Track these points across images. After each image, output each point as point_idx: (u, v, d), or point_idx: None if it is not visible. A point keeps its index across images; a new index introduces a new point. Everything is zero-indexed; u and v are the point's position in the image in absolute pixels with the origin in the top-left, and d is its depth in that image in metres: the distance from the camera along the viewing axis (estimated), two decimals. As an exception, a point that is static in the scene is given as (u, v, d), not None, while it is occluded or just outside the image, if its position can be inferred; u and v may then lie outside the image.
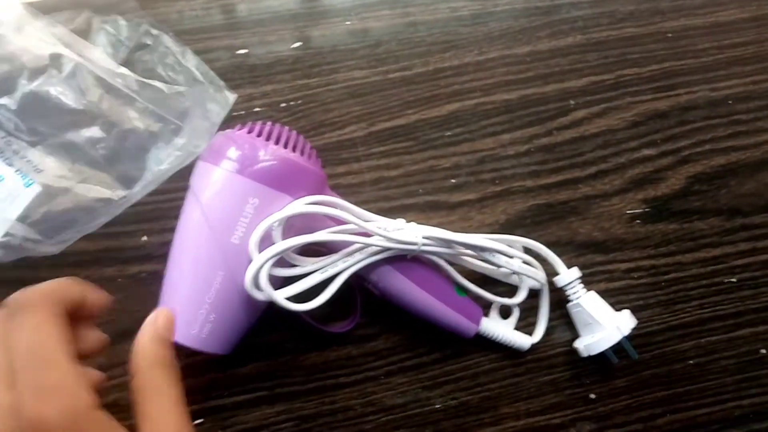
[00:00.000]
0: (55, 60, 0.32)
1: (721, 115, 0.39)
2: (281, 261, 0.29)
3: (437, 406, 0.36)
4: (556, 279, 0.36)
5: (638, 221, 0.38)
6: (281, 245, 0.27)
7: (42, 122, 0.32)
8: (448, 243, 0.32)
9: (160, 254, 0.35)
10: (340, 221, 0.30)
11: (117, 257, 0.35)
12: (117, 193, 0.33)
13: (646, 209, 0.38)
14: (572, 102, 0.38)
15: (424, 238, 0.31)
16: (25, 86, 0.31)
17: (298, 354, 0.35)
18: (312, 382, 0.35)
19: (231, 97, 0.34)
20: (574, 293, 0.36)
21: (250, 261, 0.27)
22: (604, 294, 0.37)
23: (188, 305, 0.28)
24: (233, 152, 0.28)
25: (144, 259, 0.35)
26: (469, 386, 0.35)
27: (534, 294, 0.36)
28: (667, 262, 0.38)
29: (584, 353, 0.35)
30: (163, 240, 0.35)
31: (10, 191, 0.31)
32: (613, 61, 0.39)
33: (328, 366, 0.36)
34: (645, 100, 0.38)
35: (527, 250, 0.36)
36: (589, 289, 0.37)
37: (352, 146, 0.37)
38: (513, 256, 0.34)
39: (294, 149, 0.29)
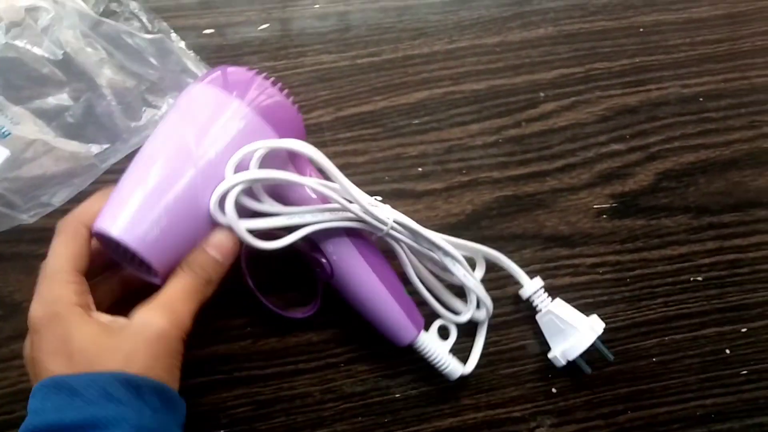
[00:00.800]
0: (32, 12, 0.35)
1: (691, 112, 0.42)
2: (251, 194, 0.31)
3: (397, 395, 0.39)
4: (521, 291, 0.39)
5: (605, 216, 0.41)
6: (259, 173, 0.30)
7: (18, 76, 0.35)
8: (415, 235, 0.35)
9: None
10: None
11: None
12: (89, 158, 0.36)
13: (614, 204, 0.41)
14: (542, 94, 0.41)
15: (395, 222, 0.34)
16: (0, 39, 0.34)
17: (258, 339, 0.38)
18: (271, 368, 0.38)
19: (201, 66, 0.37)
20: (542, 302, 0.39)
21: (220, 180, 0.30)
22: (568, 288, 0.40)
23: (142, 205, 0.29)
24: (232, 78, 0.31)
25: (102, 238, 0.38)
26: (430, 376, 0.38)
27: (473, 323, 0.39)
28: (633, 258, 0.41)
29: (561, 361, 0.38)
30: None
31: None
32: (584, 54, 0.42)
33: (288, 352, 0.38)
34: (615, 94, 0.42)
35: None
36: (554, 282, 0.40)
37: (319, 131, 0.40)
38: (472, 271, 0.37)
39: (288, 97, 0.32)
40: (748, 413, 0.41)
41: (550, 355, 0.38)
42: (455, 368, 0.37)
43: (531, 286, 0.39)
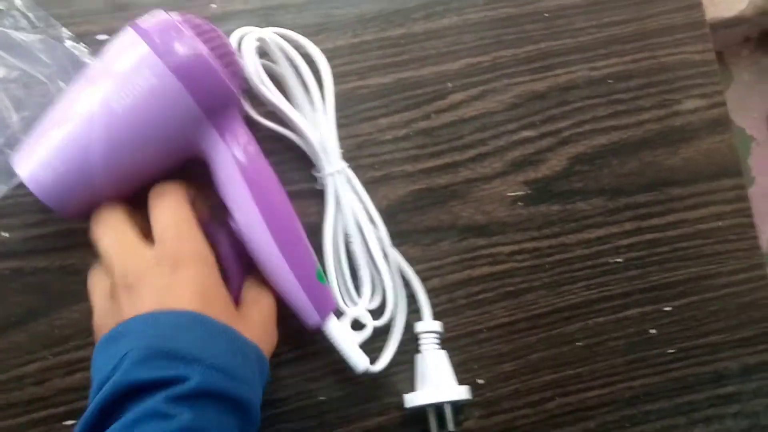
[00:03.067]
0: None
1: (601, 94, 0.53)
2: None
3: (321, 398, 0.48)
4: (416, 323, 0.49)
5: (520, 203, 0.52)
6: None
7: None
8: (359, 196, 0.47)
9: (22, 250, 0.46)
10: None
11: (-24, 255, 0.46)
12: None
13: (528, 191, 0.52)
14: (449, 85, 0.51)
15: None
16: None
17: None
18: (187, 378, 0.47)
19: (83, 50, 0.46)
20: (426, 346, 0.48)
21: (120, 132, 0.39)
22: (488, 278, 0.51)
23: (45, 149, 0.40)
24: (156, 30, 0.40)
25: (6, 255, 0.46)
26: (353, 376, 0.47)
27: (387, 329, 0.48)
28: (551, 243, 0.52)
29: (407, 403, 0.48)
30: (26, 235, 0.46)
31: None
32: (489, 42, 0.52)
33: (204, 361, 0.47)
34: (523, 81, 0.52)
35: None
36: (473, 273, 0.50)
37: (224, 134, 0.49)
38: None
39: (220, 57, 0.41)
40: (677, 392, 0.51)
41: (405, 395, 0.48)
42: (359, 362, 0.46)
43: (429, 325, 0.48)
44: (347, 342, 0.46)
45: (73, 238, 0.47)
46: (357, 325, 0.48)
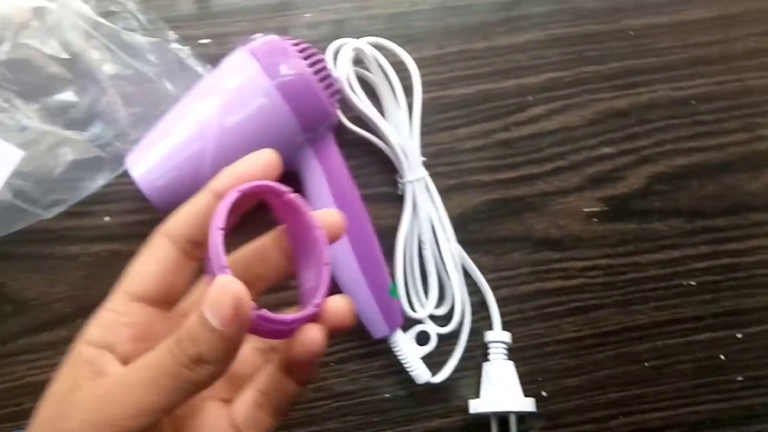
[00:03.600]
0: (39, 12, 0.46)
1: (683, 115, 0.53)
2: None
3: (387, 395, 0.50)
4: (486, 333, 0.50)
5: (595, 219, 0.52)
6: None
7: (28, 75, 0.47)
8: (435, 204, 0.49)
9: (121, 234, 0.50)
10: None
11: (80, 236, 0.49)
12: (97, 150, 0.48)
13: (604, 208, 0.52)
14: (531, 98, 0.52)
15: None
16: (10, 38, 0.46)
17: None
18: (261, 367, 0.50)
19: (197, 62, 0.49)
20: (496, 355, 0.49)
21: (229, 149, 0.42)
22: (559, 292, 0.51)
23: (160, 156, 0.43)
24: (267, 51, 0.43)
25: (106, 238, 0.49)
26: (417, 377, 0.49)
27: (454, 336, 0.50)
28: (625, 262, 0.52)
29: (472, 409, 0.49)
30: (124, 221, 0.50)
31: (7, 134, 0.46)
32: (572, 58, 0.53)
33: (278, 351, 0.50)
34: (605, 98, 0.53)
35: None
36: (544, 286, 0.51)
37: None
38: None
39: (321, 79, 0.44)
40: (744, 420, 0.51)
41: (471, 401, 0.49)
42: (421, 373, 0.48)
43: (498, 335, 0.50)
44: (411, 355, 0.48)
45: (164, 227, 0.49)
46: (422, 337, 0.49)
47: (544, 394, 0.51)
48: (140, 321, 0.28)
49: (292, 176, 0.46)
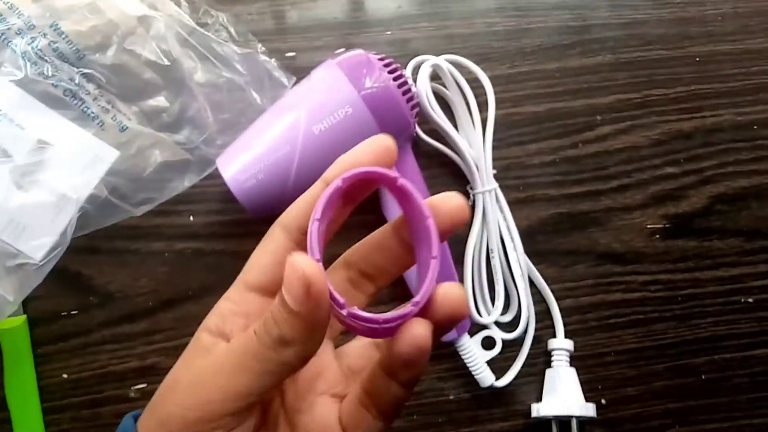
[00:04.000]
0: (144, 20, 0.50)
1: (745, 138, 0.55)
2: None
3: (451, 397, 0.52)
4: (550, 340, 0.52)
5: (658, 236, 0.54)
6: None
7: (128, 79, 0.50)
8: (505, 218, 0.51)
9: (203, 234, 0.53)
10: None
11: (165, 233, 0.52)
12: (186, 153, 0.50)
13: (667, 225, 0.54)
14: (599, 117, 0.55)
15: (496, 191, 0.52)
16: (116, 44, 0.49)
17: (323, 336, 0.52)
18: (334, 364, 0.52)
19: (283, 74, 0.52)
20: (559, 362, 0.52)
21: (316, 156, 0.45)
22: (620, 304, 0.53)
23: (250, 158, 0.46)
24: (354, 64, 0.46)
25: (189, 237, 0.52)
26: (482, 380, 0.52)
27: (517, 342, 0.52)
28: (685, 277, 0.54)
29: (535, 412, 0.51)
30: (207, 221, 0.53)
31: (109, 133, 0.49)
32: (640, 81, 0.55)
33: (350, 350, 0.52)
34: (670, 120, 0.55)
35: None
36: (606, 298, 0.53)
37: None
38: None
39: (404, 94, 0.47)
40: (798, 435, 0.53)
41: (533, 405, 0.51)
42: (486, 377, 0.50)
43: (561, 343, 0.52)
44: (477, 359, 0.51)
45: (248, 227, 0.52)
46: (487, 342, 0.52)
47: (603, 401, 0.53)
48: (255, 310, 0.29)
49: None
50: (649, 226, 0.54)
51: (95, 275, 0.52)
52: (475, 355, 0.51)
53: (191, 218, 0.53)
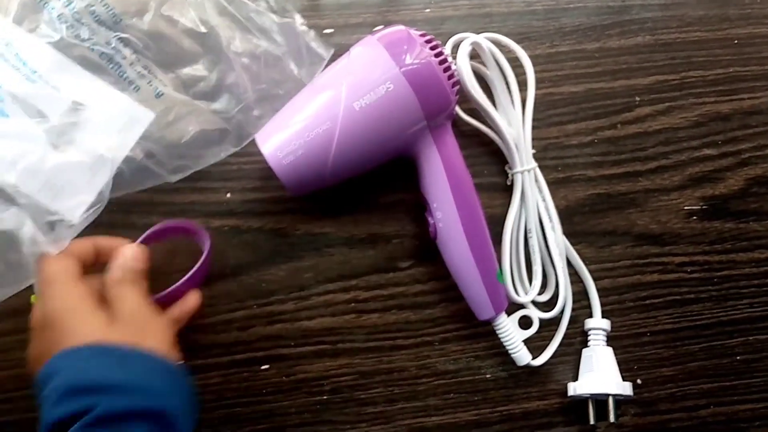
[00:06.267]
0: None
1: (784, 121, 0.56)
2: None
3: (487, 375, 0.53)
4: (587, 320, 0.53)
5: (695, 218, 0.54)
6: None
7: (165, 46, 0.49)
8: (543, 194, 0.52)
9: (241, 211, 0.53)
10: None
11: (202, 210, 0.52)
12: (223, 122, 0.50)
13: (704, 207, 0.55)
14: (638, 99, 0.55)
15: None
16: (153, 9, 0.49)
17: (361, 314, 0.52)
18: (372, 341, 0.52)
19: (322, 46, 0.52)
20: (596, 341, 0.52)
21: (354, 131, 0.45)
22: (656, 285, 0.54)
23: (289, 134, 0.46)
24: (396, 40, 0.46)
25: (227, 214, 0.53)
26: (519, 359, 0.52)
27: (554, 322, 0.53)
28: (721, 259, 0.54)
29: (571, 391, 0.51)
30: (245, 198, 0.53)
31: (145, 98, 0.48)
32: (679, 62, 0.55)
33: (388, 328, 0.52)
34: (708, 101, 0.55)
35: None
36: (642, 279, 0.54)
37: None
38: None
39: (445, 71, 0.46)
40: (831, 416, 0.54)
41: (570, 384, 0.52)
42: (523, 355, 0.51)
43: (598, 323, 0.52)
44: (514, 337, 0.51)
45: (285, 205, 0.53)
46: (524, 321, 0.52)
47: (639, 381, 0.53)
48: None
49: (409, 164, 0.49)
50: (686, 208, 0.54)
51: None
52: (512, 334, 0.51)
53: (228, 195, 0.53)
